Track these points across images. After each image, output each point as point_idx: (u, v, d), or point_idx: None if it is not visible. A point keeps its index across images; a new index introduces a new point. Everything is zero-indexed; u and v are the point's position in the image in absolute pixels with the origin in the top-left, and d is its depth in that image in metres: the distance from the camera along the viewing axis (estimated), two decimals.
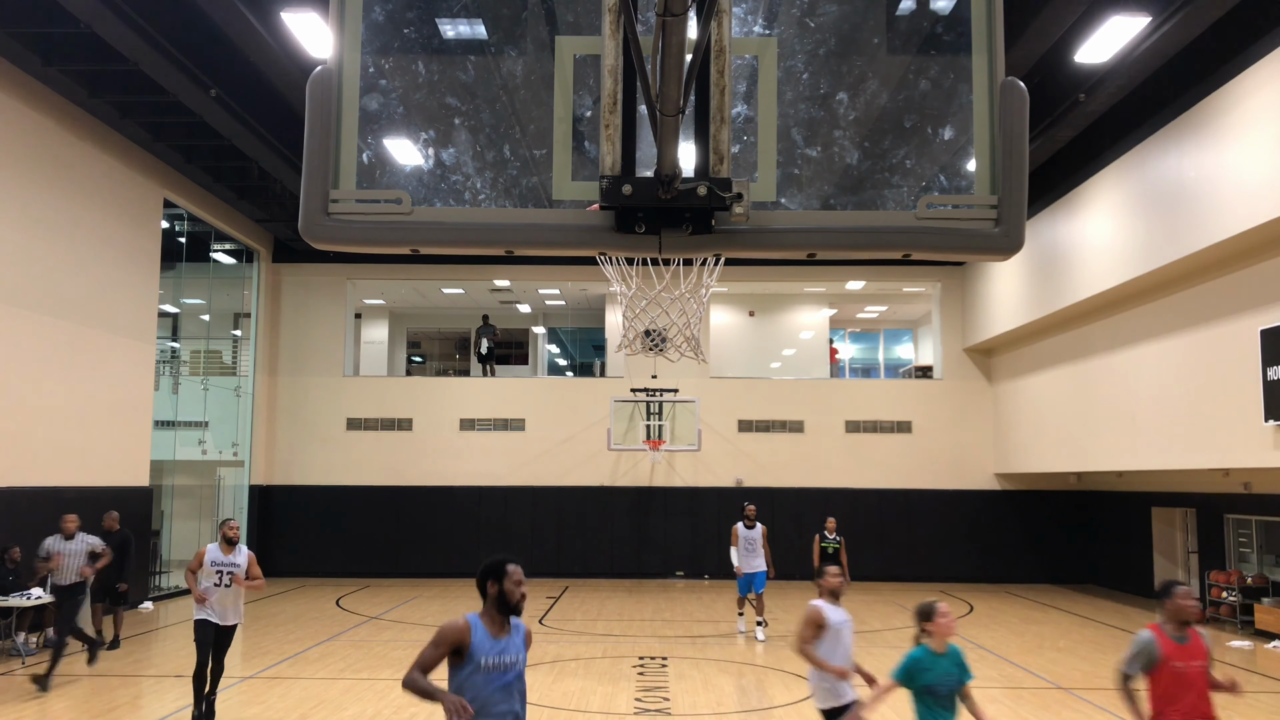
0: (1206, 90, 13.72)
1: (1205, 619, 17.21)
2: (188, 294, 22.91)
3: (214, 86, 14.40)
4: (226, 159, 18.82)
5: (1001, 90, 2.89)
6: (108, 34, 12.86)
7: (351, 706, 10.46)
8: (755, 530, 15.04)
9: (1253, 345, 13.29)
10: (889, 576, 22.87)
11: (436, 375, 28.95)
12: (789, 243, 2.94)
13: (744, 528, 15.01)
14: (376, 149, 2.96)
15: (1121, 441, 17.16)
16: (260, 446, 23.59)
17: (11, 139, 14.59)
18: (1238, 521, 17.31)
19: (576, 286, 25.56)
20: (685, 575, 23.38)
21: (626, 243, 2.89)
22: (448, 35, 3.04)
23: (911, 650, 5.97)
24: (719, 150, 2.83)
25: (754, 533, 15.03)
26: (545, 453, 23.78)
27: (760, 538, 15.00)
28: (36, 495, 14.95)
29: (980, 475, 23.70)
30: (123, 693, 11.19)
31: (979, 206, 2.91)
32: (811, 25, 3.00)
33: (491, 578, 4.87)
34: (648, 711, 10.21)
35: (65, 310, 15.84)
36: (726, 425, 23.71)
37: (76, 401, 16.08)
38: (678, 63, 2.53)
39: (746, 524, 15.03)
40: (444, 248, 2.96)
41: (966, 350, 24.16)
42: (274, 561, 23.45)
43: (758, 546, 14.95)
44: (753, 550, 14.94)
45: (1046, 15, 12.13)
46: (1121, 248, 16.04)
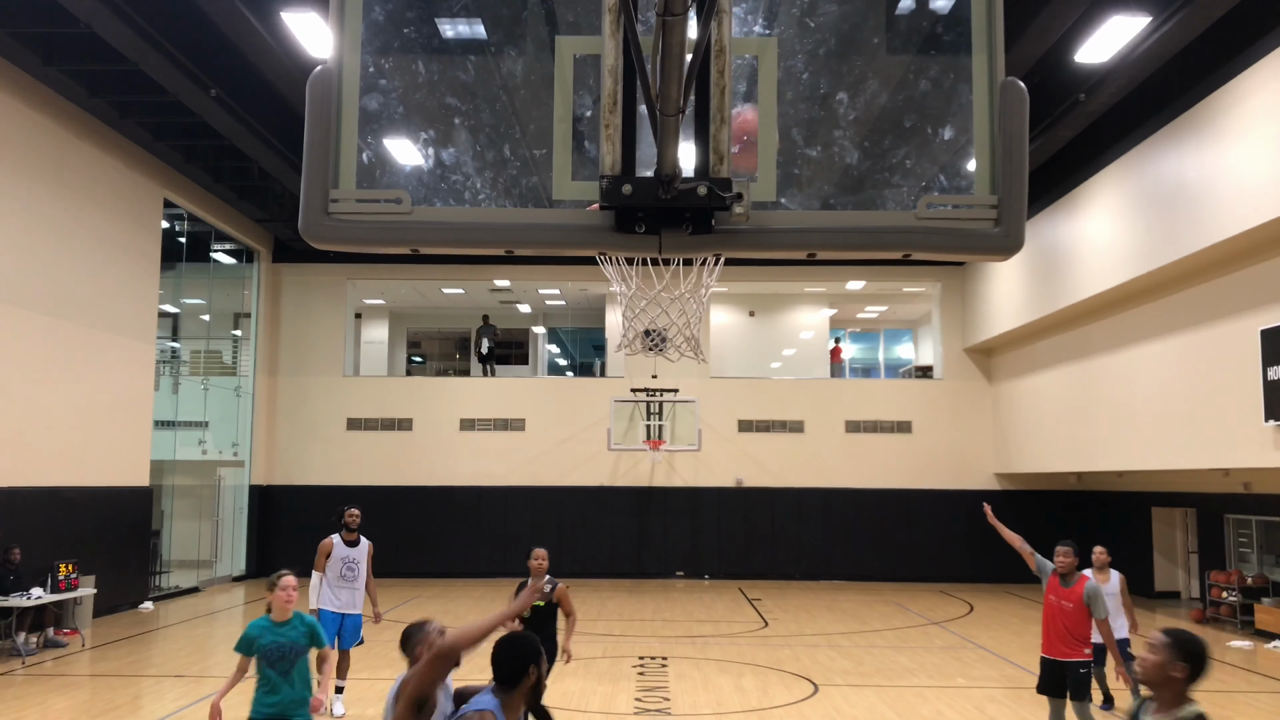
0: (1206, 90, 13.71)
1: (1205, 619, 17.22)
2: (188, 294, 22.91)
3: (214, 86, 14.40)
4: (226, 159, 18.83)
5: (1001, 90, 2.89)
6: (108, 34, 12.86)
7: (352, 707, 10.45)
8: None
9: (1253, 345, 13.29)
10: (889, 576, 22.88)
11: (436, 375, 28.97)
12: (789, 243, 2.94)
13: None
14: (376, 149, 2.96)
15: (1121, 441, 17.16)
16: (260, 446, 23.60)
17: (11, 139, 14.60)
18: (1238, 521, 17.31)
19: (576, 286, 25.56)
20: (685, 575, 23.38)
21: (626, 243, 2.89)
22: (448, 35, 3.04)
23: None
24: (719, 150, 2.83)
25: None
26: (545, 453, 23.78)
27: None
28: (36, 495, 14.95)
29: (980, 475, 23.70)
30: (123, 693, 11.19)
31: (979, 206, 2.91)
32: (811, 25, 3.00)
33: (534, 662, 3.81)
34: (648, 711, 10.21)
35: (65, 310, 15.84)
36: (726, 425, 23.71)
37: (76, 401, 16.09)
38: (678, 63, 2.53)
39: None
40: (444, 248, 2.96)
41: (966, 350, 24.16)
42: (274, 562, 23.42)
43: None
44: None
45: (1046, 15, 12.13)
46: (1121, 248, 16.04)
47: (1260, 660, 13.89)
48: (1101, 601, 7.92)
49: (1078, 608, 7.91)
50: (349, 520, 10.00)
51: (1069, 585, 8.04)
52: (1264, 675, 12.82)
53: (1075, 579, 8.05)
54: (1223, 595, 16.73)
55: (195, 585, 20.80)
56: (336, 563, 9.92)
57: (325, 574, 9.93)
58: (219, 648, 14.49)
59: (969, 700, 11.15)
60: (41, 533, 14.85)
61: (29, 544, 14.07)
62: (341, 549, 9.97)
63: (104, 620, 16.38)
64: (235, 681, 6.29)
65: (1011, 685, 11.72)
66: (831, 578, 23.16)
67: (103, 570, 16.08)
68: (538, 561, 8.23)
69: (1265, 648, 14.76)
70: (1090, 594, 7.89)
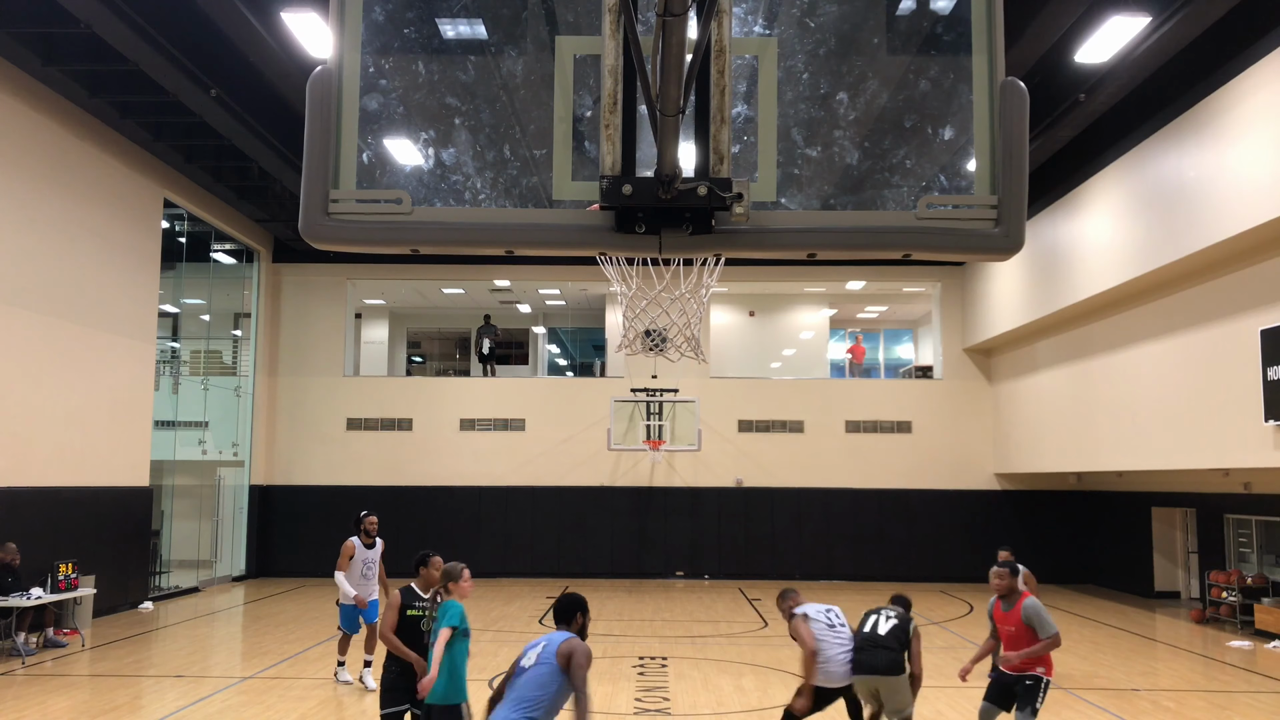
0: (1206, 90, 13.72)
1: (1205, 619, 17.22)
2: (188, 294, 22.91)
3: (214, 86, 14.40)
4: (226, 159, 18.82)
5: (1001, 90, 2.89)
6: (108, 34, 12.86)
7: (352, 707, 10.46)
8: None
9: (1253, 345, 13.30)
10: (889, 576, 22.86)
11: (436, 375, 28.96)
12: (789, 243, 2.94)
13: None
14: (376, 149, 2.96)
15: (1121, 441, 17.16)
16: (260, 446, 23.60)
17: (11, 139, 14.60)
18: (1238, 521, 17.31)
19: (576, 286, 25.56)
20: (685, 575, 23.38)
21: (626, 243, 2.89)
22: (448, 35, 3.04)
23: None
24: (719, 150, 2.83)
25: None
26: (545, 453, 23.78)
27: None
28: (36, 495, 14.95)
29: (980, 475, 23.70)
30: (123, 693, 11.19)
31: (979, 206, 2.91)
32: (811, 25, 3.00)
33: (581, 610, 5.60)
34: (648, 711, 10.21)
35: (65, 310, 15.84)
36: (726, 425, 23.71)
37: (76, 402, 16.09)
38: (678, 63, 2.53)
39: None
40: (444, 248, 2.96)
41: (966, 350, 24.17)
42: (274, 561, 23.47)
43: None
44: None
45: (1046, 15, 12.13)
46: (1121, 248, 16.04)
47: (1260, 660, 13.89)
48: (1042, 618, 7.45)
49: (1019, 630, 7.55)
50: (368, 526, 11.10)
51: (1009, 609, 7.68)
52: (1264, 675, 12.82)
53: (1014, 600, 7.66)
54: (1223, 595, 16.73)
55: (195, 585, 20.81)
56: (358, 563, 11.05)
57: (347, 572, 11.02)
58: (219, 648, 14.50)
59: (969, 700, 11.16)
60: (41, 533, 14.84)
61: (29, 544, 14.07)
62: (362, 551, 11.09)
63: (104, 620, 16.38)
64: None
65: None
66: (831, 578, 23.16)
67: (102, 570, 16.09)
68: (435, 571, 7.68)
69: (1265, 648, 14.76)
70: (1029, 613, 7.49)
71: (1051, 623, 7.44)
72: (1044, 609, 7.54)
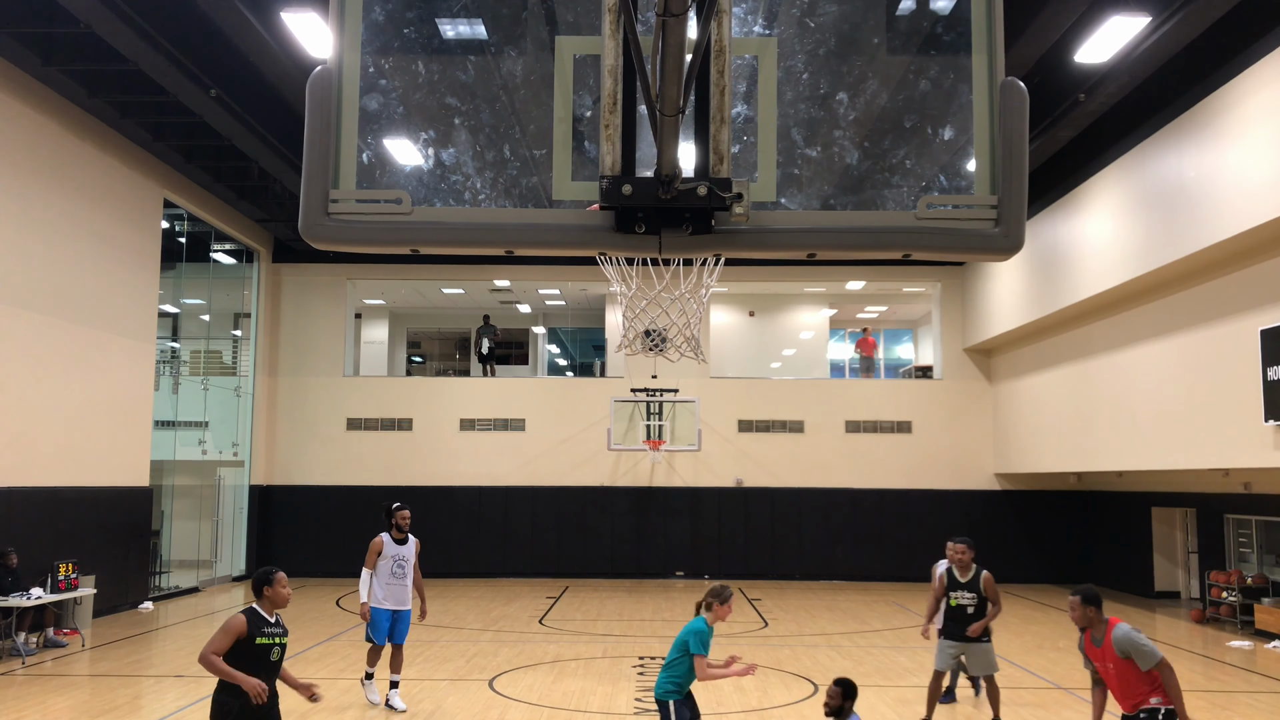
0: (1206, 90, 13.71)
1: (1205, 619, 17.21)
2: (188, 294, 22.91)
3: (214, 86, 14.40)
4: (226, 159, 18.82)
5: (1001, 90, 2.89)
6: (108, 34, 12.86)
7: (352, 706, 10.46)
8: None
9: (1253, 345, 13.29)
10: (889, 576, 22.87)
11: (436, 375, 28.96)
12: (789, 243, 2.94)
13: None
14: (376, 149, 2.96)
15: (1121, 441, 17.16)
16: (260, 446, 23.59)
17: (11, 139, 14.59)
18: (1238, 521, 17.31)
19: (576, 286, 25.56)
20: (685, 575, 23.38)
21: (626, 243, 2.89)
22: (448, 35, 3.04)
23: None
24: (719, 150, 2.83)
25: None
26: (545, 453, 23.78)
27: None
28: (36, 495, 14.95)
29: (980, 475, 23.70)
30: (123, 693, 11.19)
31: (979, 206, 2.91)
32: (811, 25, 3.00)
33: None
34: (648, 711, 10.21)
35: (65, 310, 15.84)
36: (726, 425, 23.71)
37: (76, 401, 16.09)
38: (678, 63, 2.53)
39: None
40: (444, 248, 2.96)
41: (966, 350, 24.16)
42: (274, 562, 23.37)
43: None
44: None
45: (1046, 15, 12.13)
46: (1121, 248, 16.04)
47: (1260, 660, 13.89)
48: (1139, 646, 6.15)
49: (1118, 666, 6.22)
50: (399, 521, 10.35)
51: (1100, 642, 6.31)
52: (1264, 675, 12.82)
53: (1103, 631, 6.29)
54: (1223, 595, 16.73)
55: (195, 585, 20.80)
56: (388, 560, 10.27)
57: (375, 571, 10.26)
58: None
59: (969, 700, 11.17)
60: (41, 533, 14.84)
61: (29, 544, 14.07)
62: (392, 547, 10.31)
63: (104, 620, 16.37)
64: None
65: (1012, 686, 11.71)
66: (831, 578, 23.16)
67: (102, 570, 16.09)
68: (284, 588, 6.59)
69: (1265, 648, 14.76)
70: (1121, 645, 6.19)
71: (1152, 649, 6.16)
72: (1138, 634, 6.23)
